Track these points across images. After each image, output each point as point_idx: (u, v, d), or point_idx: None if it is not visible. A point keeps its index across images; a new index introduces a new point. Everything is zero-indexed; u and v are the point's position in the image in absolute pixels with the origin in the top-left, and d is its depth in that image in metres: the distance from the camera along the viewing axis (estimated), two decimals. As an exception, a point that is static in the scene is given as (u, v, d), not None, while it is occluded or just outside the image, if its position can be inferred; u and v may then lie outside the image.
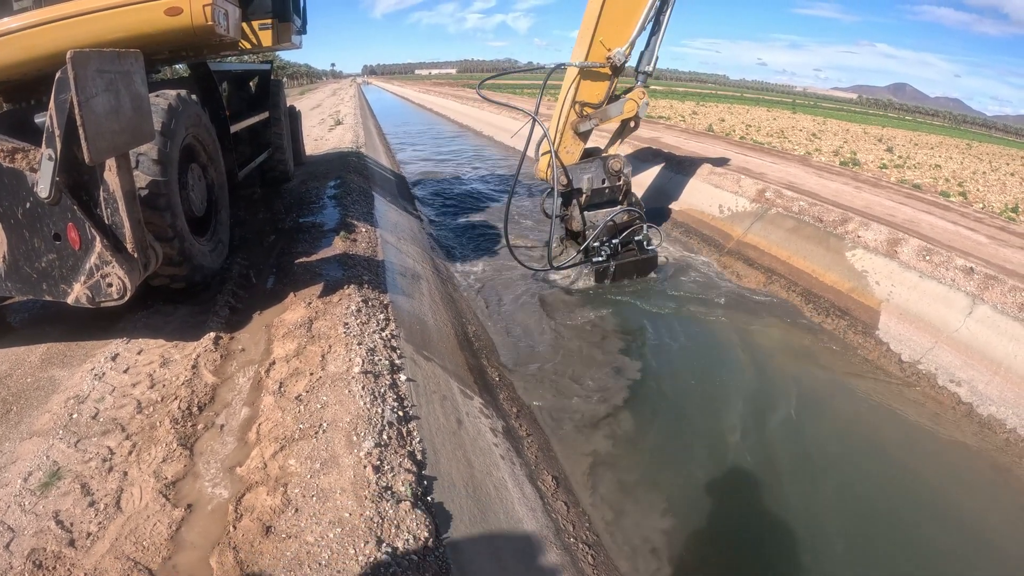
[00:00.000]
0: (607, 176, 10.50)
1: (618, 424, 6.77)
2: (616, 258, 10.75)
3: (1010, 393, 7.20)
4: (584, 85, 9.79)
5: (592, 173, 10.41)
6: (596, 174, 10.44)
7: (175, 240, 5.61)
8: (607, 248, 10.63)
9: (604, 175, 10.49)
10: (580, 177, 10.35)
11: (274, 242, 8.37)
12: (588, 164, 10.41)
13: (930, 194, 15.64)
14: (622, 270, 10.87)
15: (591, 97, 9.91)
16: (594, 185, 10.48)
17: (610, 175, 10.50)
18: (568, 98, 9.90)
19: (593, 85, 9.83)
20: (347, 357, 5.02)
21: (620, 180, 10.59)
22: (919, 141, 38.39)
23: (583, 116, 10.03)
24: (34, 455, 3.85)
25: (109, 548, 3.15)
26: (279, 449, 3.87)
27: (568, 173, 10.24)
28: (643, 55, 10.03)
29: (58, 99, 3.78)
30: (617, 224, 10.58)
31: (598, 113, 9.99)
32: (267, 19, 9.43)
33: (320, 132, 23.15)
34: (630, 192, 10.89)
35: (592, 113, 10.01)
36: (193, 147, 6.62)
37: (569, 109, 9.95)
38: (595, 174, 10.43)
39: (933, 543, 5.40)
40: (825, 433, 6.89)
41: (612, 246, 10.65)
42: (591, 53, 9.39)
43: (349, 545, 3.11)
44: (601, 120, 10.08)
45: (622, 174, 10.52)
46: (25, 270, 4.50)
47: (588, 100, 9.91)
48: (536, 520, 4.61)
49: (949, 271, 8.82)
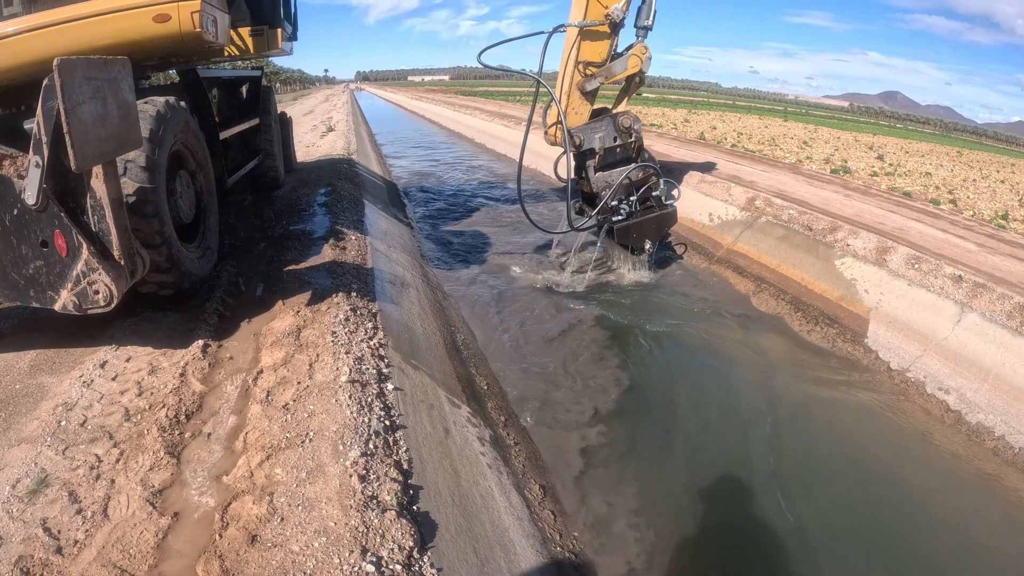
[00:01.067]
0: (618, 134, 10.43)
1: (606, 433, 6.76)
2: (635, 216, 10.68)
3: (998, 400, 7.24)
4: (585, 45, 9.84)
5: (603, 132, 10.36)
6: (607, 133, 10.38)
7: (163, 247, 5.61)
8: (626, 206, 10.58)
9: (615, 133, 10.42)
10: (591, 137, 10.30)
11: (264, 249, 8.36)
12: (598, 124, 10.37)
13: (920, 202, 15.76)
14: (642, 228, 10.74)
15: (593, 56, 9.95)
16: (606, 144, 10.42)
17: (621, 133, 10.43)
18: (571, 59, 9.92)
19: (594, 44, 9.89)
20: (335, 366, 5.02)
21: (632, 137, 10.52)
22: (910, 149, 38.69)
23: (587, 76, 10.06)
24: (22, 462, 3.83)
25: (96, 556, 3.15)
26: (266, 458, 3.86)
27: (579, 134, 10.21)
28: (641, 10, 10.04)
29: (45, 106, 3.80)
30: (633, 181, 10.55)
31: (602, 71, 10.00)
32: (257, 25, 9.45)
33: (312, 138, 23.16)
34: (643, 148, 10.84)
35: (596, 72, 10.02)
36: (182, 153, 6.61)
37: (573, 69, 9.99)
38: (606, 133, 10.37)
39: (920, 551, 5.42)
40: (812, 441, 6.91)
41: (631, 204, 10.60)
42: (589, 12, 9.46)
43: (334, 554, 3.11)
44: (607, 78, 10.08)
45: (633, 131, 10.45)
46: (12, 276, 4.50)
47: (591, 59, 9.95)
48: (523, 529, 4.61)
49: (938, 279, 8.88)
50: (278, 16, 9.62)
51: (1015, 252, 10.95)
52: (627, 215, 10.60)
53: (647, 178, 10.64)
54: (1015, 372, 7.33)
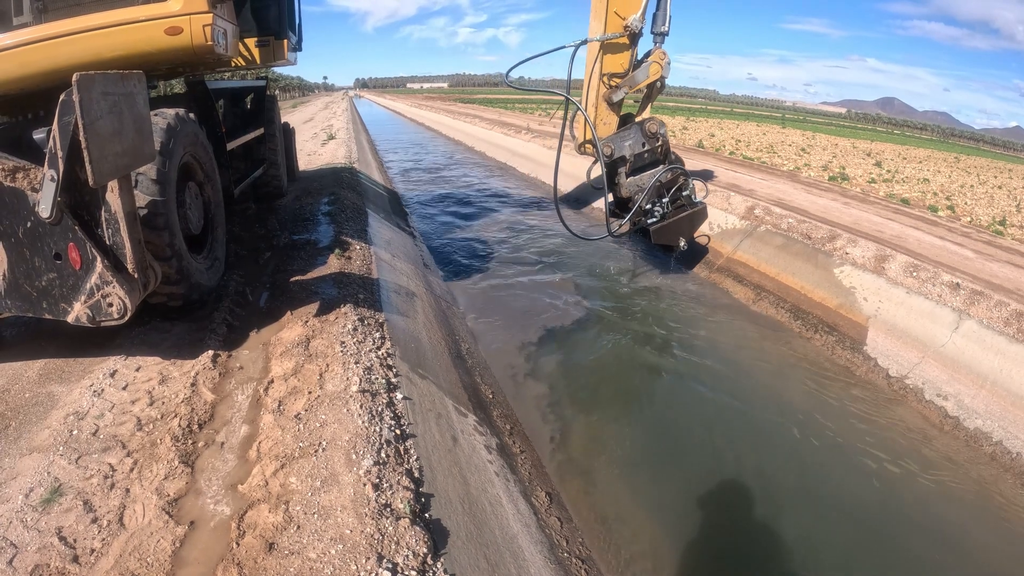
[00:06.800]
0: (646, 139, 10.74)
1: (610, 439, 6.85)
2: (668, 216, 11.04)
3: (996, 407, 7.32)
4: (607, 59, 10.20)
5: (632, 140, 10.69)
6: (636, 140, 10.70)
7: (173, 259, 5.64)
8: (659, 208, 10.97)
9: (643, 139, 10.73)
10: (621, 145, 10.64)
11: (269, 259, 8.40)
12: (627, 132, 10.70)
13: (918, 208, 15.84)
14: (676, 227, 11.09)
15: (616, 68, 10.28)
16: (635, 151, 10.73)
17: (648, 138, 10.73)
18: (595, 72, 10.29)
19: (616, 57, 10.23)
20: (344, 376, 5.08)
21: (659, 141, 10.83)
22: (907, 155, 38.81)
23: (612, 87, 10.38)
24: (35, 471, 3.86)
25: (113, 565, 3.19)
26: (280, 467, 3.92)
27: (610, 143, 10.57)
28: (656, 16, 10.32)
29: (61, 121, 3.83)
30: (663, 183, 10.92)
31: (626, 81, 10.32)
32: (263, 36, 9.52)
33: (313, 147, 23.17)
34: (669, 151, 11.20)
35: (620, 83, 10.34)
36: (190, 165, 6.64)
37: (598, 82, 10.34)
38: (635, 140, 10.70)
39: (918, 557, 5.48)
40: (812, 449, 6.96)
41: (663, 205, 10.99)
42: (608, 25, 9.77)
43: (351, 561, 3.17)
44: (630, 87, 10.40)
45: (659, 135, 10.77)
46: (25, 288, 4.54)
47: (614, 71, 10.28)
48: (530, 535, 4.68)
49: (936, 287, 8.96)
50: (284, 27, 9.70)
51: (1012, 259, 11.04)
52: (661, 216, 10.99)
53: (676, 178, 11.04)
54: (1012, 378, 7.41)
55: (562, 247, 14.12)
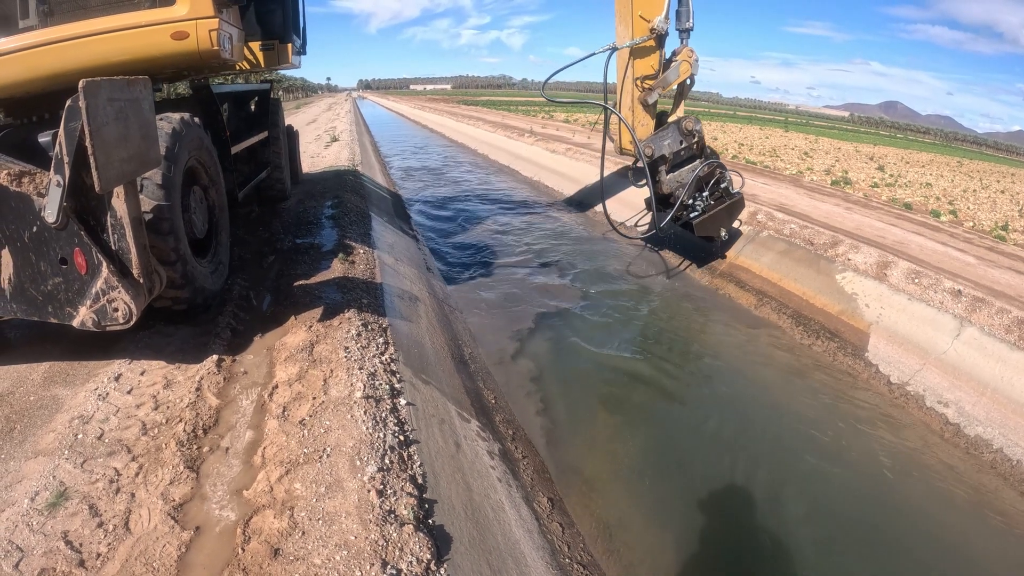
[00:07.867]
0: (683, 137, 11.19)
1: (612, 444, 6.86)
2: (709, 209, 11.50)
3: (996, 414, 7.32)
4: (638, 63, 10.67)
5: (670, 139, 11.16)
6: (674, 139, 11.17)
7: (178, 264, 5.63)
8: (700, 202, 11.46)
9: (681, 137, 11.18)
10: (660, 145, 11.11)
11: (273, 263, 8.42)
12: (664, 132, 11.18)
13: (920, 213, 15.84)
14: (717, 219, 11.58)
15: (647, 70, 10.75)
16: (674, 149, 11.20)
17: (685, 135, 11.19)
18: (628, 78, 10.77)
19: (645, 60, 10.70)
20: (348, 382, 5.09)
21: (695, 138, 11.27)
22: (910, 159, 38.82)
23: (645, 90, 10.81)
24: (40, 475, 3.87)
25: (119, 569, 3.20)
26: (285, 473, 3.94)
27: (650, 144, 11.04)
28: (680, 13, 10.64)
29: (68, 127, 3.83)
30: (702, 177, 11.38)
31: (658, 82, 10.74)
32: (268, 40, 9.54)
33: (316, 149, 23.20)
34: (704, 146, 11.65)
35: (653, 84, 10.75)
36: (195, 170, 6.64)
37: (632, 87, 10.82)
38: (673, 139, 11.17)
39: (917, 563, 5.49)
40: (813, 453, 6.97)
41: (703, 199, 11.46)
42: (634, 30, 10.16)
43: (355, 568, 3.19)
44: (663, 88, 10.84)
45: (696, 131, 11.22)
46: (31, 293, 4.55)
47: (646, 74, 10.76)
48: (533, 541, 4.69)
49: (937, 293, 8.97)
50: (288, 31, 9.73)
51: (1014, 265, 11.05)
52: (702, 210, 11.44)
53: (713, 171, 11.49)
54: (1013, 386, 7.42)
55: (563, 251, 14.16)
